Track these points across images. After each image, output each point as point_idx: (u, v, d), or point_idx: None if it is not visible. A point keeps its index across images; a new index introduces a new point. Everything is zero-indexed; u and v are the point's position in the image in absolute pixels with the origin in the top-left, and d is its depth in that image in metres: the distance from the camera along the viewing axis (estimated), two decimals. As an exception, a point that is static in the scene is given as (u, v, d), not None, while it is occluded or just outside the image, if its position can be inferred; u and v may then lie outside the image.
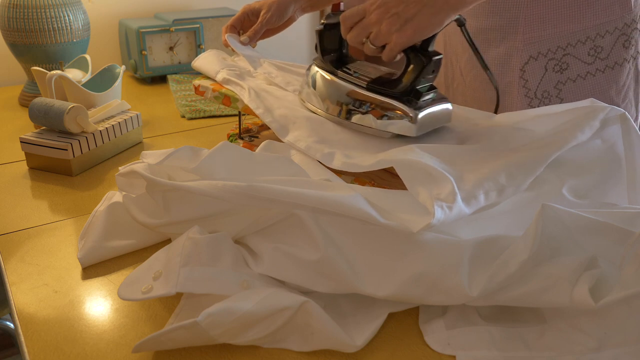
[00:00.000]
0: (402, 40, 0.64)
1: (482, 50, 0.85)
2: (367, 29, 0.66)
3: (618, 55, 0.81)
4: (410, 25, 0.63)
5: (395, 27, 0.63)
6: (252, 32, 0.91)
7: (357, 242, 0.54)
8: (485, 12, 0.83)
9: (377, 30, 0.65)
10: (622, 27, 0.80)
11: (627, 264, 0.48)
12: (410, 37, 0.64)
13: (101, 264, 0.63)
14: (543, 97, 0.83)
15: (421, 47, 0.66)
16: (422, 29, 0.63)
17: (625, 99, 0.83)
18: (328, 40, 0.75)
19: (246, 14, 0.94)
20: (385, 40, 0.65)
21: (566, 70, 0.81)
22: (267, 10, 0.90)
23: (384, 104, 0.67)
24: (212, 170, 0.60)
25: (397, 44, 0.64)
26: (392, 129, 0.67)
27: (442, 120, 0.70)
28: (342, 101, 0.71)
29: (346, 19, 0.68)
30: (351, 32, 0.68)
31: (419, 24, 0.63)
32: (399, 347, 0.51)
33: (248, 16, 0.94)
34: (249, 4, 0.95)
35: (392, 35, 0.64)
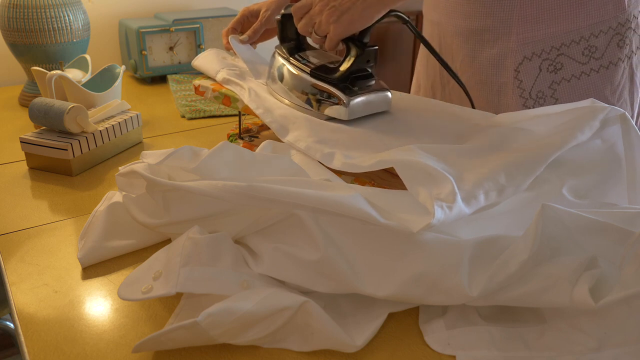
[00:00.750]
0: (339, 31, 0.70)
1: (476, 51, 0.86)
2: (312, 19, 0.73)
3: (612, 55, 0.81)
4: (345, 17, 0.69)
5: (332, 19, 0.70)
6: (252, 31, 0.91)
7: (357, 242, 0.54)
8: (479, 13, 0.83)
9: (319, 21, 0.71)
10: (616, 26, 0.80)
11: (627, 264, 0.48)
12: (345, 28, 0.70)
13: (101, 264, 0.63)
14: (538, 97, 0.83)
15: (358, 38, 0.73)
16: (355, 21, 0.70)
17: (620, 98, 0.83)
18: (287, 29, 0.82)
19: (245, 16, 0.94)
20: (326, 31, 0.72)
21: (560, 70, 0.81)
22: (267, 9, 0.91)
23: (322, 89, 0.74)
24: (212, 170, 0.60)
25: (334, 34, 0.71)
26: (328, 112, 0.74)
27: (378, 106, 0.76)
28: (290, 85, 0.78)
29: (296, 10, 0.75)
30: (300, 22, 0.75)
31: (352, 17, 0.69)
32: (399, 347, 0.51)
33: (247, 18, 0.95)
34: (248, 7, 0.95)
35: (330, 25, 0.70)
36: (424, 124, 0.75)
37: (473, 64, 0.87)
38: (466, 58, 0.87)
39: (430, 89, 0.99)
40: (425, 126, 0.74)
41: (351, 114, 0.72)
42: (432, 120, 0.76)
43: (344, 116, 0.72)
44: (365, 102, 0.73)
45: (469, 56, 0.87)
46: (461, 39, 0.87)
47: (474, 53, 0.86)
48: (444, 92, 0.96)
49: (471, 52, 0.86)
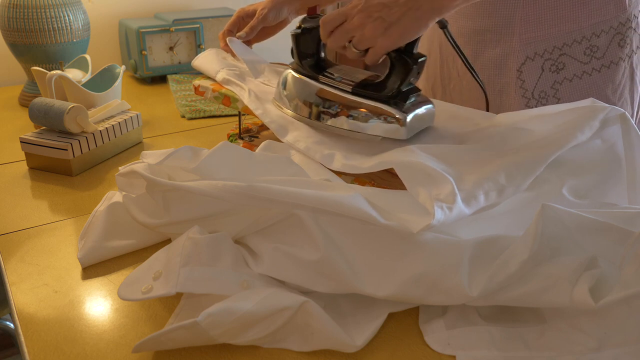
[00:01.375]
0: (388, 44, 0.64)
1: (478, 52, 0.86)
2: (350, 33, 0.66)
3: (613, 54, 0.81)
4: (395, 29, 0.63)
5: (379, 31, 0.63)
6: (249, 28, 0.91)
7: (357, 242, 0.54)
8: (481, 13, 0.83)
9: (361, 34, 0.65)
10: (617, 26, 0.80)
11: (627, 264, 0.48)
12: (396, 41, 0.64)
13: (101, 264, 0.63)
14: (540, 97, 0.83)
15: (406, 49, 0.66)
16: (407, 33, 0.64)
17: (621, 97, 0.84)
18: (305, 45, 0.74)
19: (241, 17, 0.94)
20: (370, 44, 0.65)
21: (562, 70, 0.81)
22: (263, 7, 0.91)
23: (372, 108, 0.68)
24: (212, 170, 0.60)
25: (382, 47, 0.65)
26: (381, 133, 0.68)
27: (427, 120, 0.71)
28: (327, 107, 0.70)
29: (326, 23, 0.68)
30: (332, 36, 0.68)
31: (404, 28, 0.63)
32: (399, 347, 0.51)
33: (243, 19, 0.94)
34: (243, 8, 0.95)
35: (377, 39, 0.64)
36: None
37: (475, 65, 0.87)
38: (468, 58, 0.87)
39: (430, 90, 0.99)
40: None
41: (409, 132, 0.67)
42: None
43: (402, 135, 0.67)
44: (419, 117, 0.68)
45: (471, 57, 0.87)
46: (463, 39, 0.87)
47: (476, 53, 0.86)
48: (445, 93, 0.96)
49: (473, 52, 0.86)
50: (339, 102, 0.70)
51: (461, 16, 0.86)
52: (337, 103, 0.70)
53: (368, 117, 0.68)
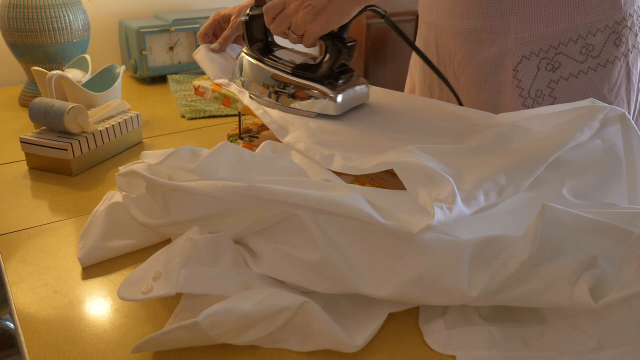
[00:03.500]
0: (316, 29, 0.71)
1: (474, 51, 0.86)
2: (288, 19, 0.73)
3: (609, 53, 0.81)
4: (322, 15, 0.70)
5: (310, 17, 0.71)
6: (222, 39, 0.92)
7: (357, 242, 0.54)
8: (477, 12, 0.83)
9: (295, 20, 0.72)
10: (612, 25, 0.80)
11: (627, 264, 0.48)
12: (323, 26, 0.71)
13: (101, 264, 0.63)
14: (536, 96, 0.83)
15: (337, 34, 0.74)
16: (333, 19, 0.71)
17: (617, 96, 0.84)
18: (254, 31, 0.82)
19: (217, 21, 0.95)
20: (303, 30, 0.72)
21: (558, 69, 0.81)
22: (237, 15, 0.92)
23: (307, 87, 0.75)
24: (212, 171, 0.60)
25: (312, 32, 0.71)
26: (316, 109, 0.75)
27: (361, 98, 0.78)
28: (270, 85, 0.78)
29: (269, 10, 0.75)
30: (274, 23, 0.75)
31: (329, 14, 0.70)
32: (399, 347, 0.51)
33: (219, 23, 0.95)
34: (218, 12, 0.96)
35: (307, 24, 0.71)
36: (424, 124, 0.75)
37: (471, 64, 0.87)
38: (464, 58, 0.87)
39: (427, 90, 0.99)
40: (425, 126, 0.74)
41: (340, 109, 0.74)
42: (432, 120, 0.76)
43: (334, 111, 0.74)
44: (350, 95, 0.76)
45: (467, 56, 0.87)
46: (459, 39, 0.87)
47: (472, 53, 0.86)
48: (442, 93, 0.96)
49: (469, 52, 0.86)
50: (280, 82, 0.77)
51: (457, 16, 0.86)
52: (278, 82, 0.78)
53: (304, 95, 0.75)
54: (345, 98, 0.74)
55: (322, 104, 0.74)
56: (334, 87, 0.74)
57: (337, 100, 0.73)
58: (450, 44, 0.89)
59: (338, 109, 0.74)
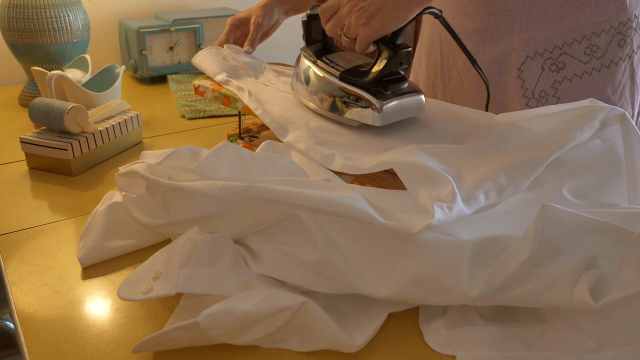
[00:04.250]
0: (369, 33, 0.67)
1: (479, 51, 0.86)
2: (341, 21, 0.69)
3: (614, 54, 0.81)
4: (375, 19, 0.66)
5: (362, 21, 0.66)
6: (250, 41, 0.93)
7: (357, 242, 0.54)
8: (482, 12, 0.83)
9: (348, 23, 0.68)
10: (617, 25, 0.80)
11: (627, 264, 0.48)
12: (376, 31, 0.66)
13: (101, 264, 0.63)
14: (540, 96, 0.83)
15: (390, 39, 0.69)
16: (387, 23, 0.66)
17: (621, 97, 0.84)
18: (313, 31, 0.79)
19: (235, 25, 0.95)
20: (355, 33, 0.68)
21: (563, 69, 0.81)
22: (256, 15, 0.93)
23: (352, 94, 0.70)
24: (212, 171, 0.60)
25: (365, 36, 0.67)
26: (357, 118, 0.70)
27: (411, 111, 0.72)
28: (317, 89, 0.74)
29: (324, 11, 0.71)
30: (328, 24, 0.71)
31: (383, 18, 0.65)
32: (399, 347, 0.51)
33: (237, 27, 0.96)
34: (234, 16, 0.97)
35: (360, 28, 0.67)
36: (424, 124, 0.75)
37: None
38: None
39: (431, 90, 0.99)
40: (425, 126, 0.74)
41: (384, 120, 0.69)
42: (432, 120, 0.76)
43: (377, 122, 0.68)
44: (398, 106, 0.69)
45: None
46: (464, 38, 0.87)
47: (477, 53, 0.86)
48: (445, 93, 0.96)
49: (474, 51, 0.86)
50: (323, 86, 0.73)
51: (462, 15, 0.86)
52: (322, 86, 0.73)
53: (347, 102, 0.71)
54: (391, 109, 0.68)
55: (365, 114, 0.69)
56: (380, 96, 0.68)
57: (382, 110, 0.67)
58: (454, 44, 0.89)
59: (381, 120, 0.68)
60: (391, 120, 0.70)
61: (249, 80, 0.86)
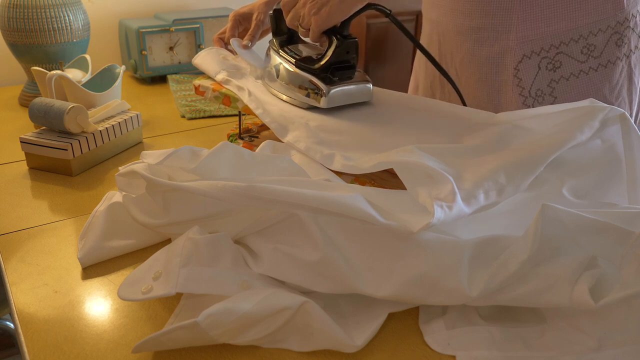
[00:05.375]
0: (319, 22, 0.73)
1: (476, 50, 0.86)
2: (298, 13, 0.76)
3: (611, 53, 0.81)
4: (324, 10, 0.72)
5: (313, 11, 0.73)
6: (250, 36, 0.93)
7: (357, 242, 0.54)
8: (478, 11, 0.84)
9: (303, 13, 0.75)
10: (614, 25, 0.80)
11: (627, 264, 0.48)
12: (324, 21, 0.73)
13: (101, 264, 0.63)
14: (537, 95, 0.83)
15: (338, 30, 0.76)
16: (333, 14, 0.73)
17: (618, 97, 0.84)
18: (279, 24, 0.85)
19: (237, 20, 0.96)
20: (308, 23, 0.75)
21: (559, 68, 0.82)
22: (258, 12, 0.94)
23: (303, 78, 0.77)
24: (212, 171, 0.60)
25: (315, 25, 0.74)
26: (307, 101, 0.77)
27: (358, 96, 0.78)
28: (280, 76, 0.81)
29: (285, 5, 0.78)
30: (288, 16, 0.78)
31: (330, 9, 0.72)
32: (399, 347, 0.51)
33: (240, 22, 0.96)
34: (237, 11, 0.97)
35: (312, 18, 0.73)
36: (424, 123, 0.75)
37: (473, 63, 0.87)
38: (466, 56, 0.88)
39: (429, 88, 0.99)
40: (425, 126, 0.74)
41: (330, 103, 0.75)
42: (432, 119, 0.76)
43: (323, 104, 0.76)
44: (344, 91, 0.76)
45: (468, 54, 0.87)
46: (461, 37, 0.87)
47: (474, 51, 0.86)
48: (443, 92, 0.96)
49: (471, 50, 0.87)
50: (284, 72, 0.80)
51: (459, 14, 0.86)
52: (283, 73, 0.80)
53: (301, 87, 0.77)
54: (337, 93, 0.75)
55: (314, 97, 0.76)
56: (328, 81, 0.75)
57: (328, 93, 0.75)
58: (452, 42, 0.90)
59: (327, 103, 0.75)
60: (337, 103, 0.77)
61: (249, 80, 0.86)
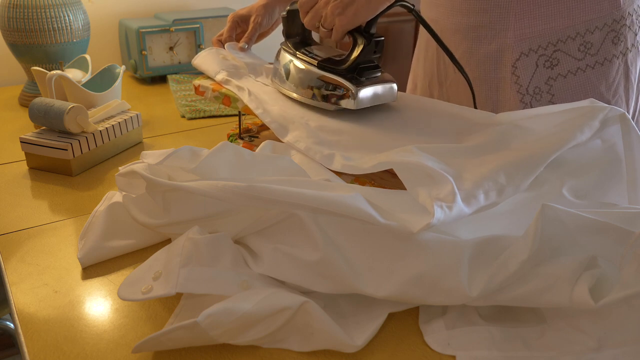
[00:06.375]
0: (344, 23, 0.71)
1: (474, 48, 0.86)
2: (318, 13, 0.74)
3: (607, 51, 0.81)
4: (350, 9, 0.70)
5: (337, 11, 0.71)
6: (247, 38, 0.94)
7: (357, 242, 0.54)
8: (476, 9, 0.84)
9: (325, 14, 0.73)
10: (611, 23, 0.80)
11: (627, 264, 0.48)
12: (351, 20, 0.71)
13: (101, 264, 0.63)
14: (534, 93, 0.84)
15: (364, 29, 0.74)
16: (360, 13, 0.71)
17: (615, 95, 0.84)
18: (292, 25, 0.83)
19: (236, 22, 0.96)
20: (331, 23, 0.72)
21: (557, 66, 0.82)
22: (257, 14, 0.94)
23: (330, 81, 0.75)
24: (212, 171, 0.60)
25: (340, 25, 0.72)
26: (336, 103, 0.75)
27: (384, 97, 0.77)
28: (297, 79, 0.79)
29: (303, 5, 0.76)
30: (307, 17, 0.76)
31: (356, 8, 0.70)
32: (399, 347, 0.51)
33: (238, 24, 0.96)
34: (236, 12, 0.98)
35: (335, 18, 0.71)
36: (423, 124, 0.75)
37: (471, 60, 0.87)
38: (464, 54, 0.88)
39: (427, 87, 0.99)
40: (425, 126, 0.74)
41: (359, 104, 0.73)
42: (432, 119, 0.76)
43: (352, 106, 0.73)
44: (372, 92, 0.74)
45: (467, 52, 0.87)
46: (459, 35, 0.87)
47: (472, 49, 0.86)
48: (442, 90, 0.96)
49: (469, 48, 0.87)
50: (303, 75, 0.78)
51: (457, 12, 0.87)
52: (302, 75, 0.78)
53: (324, 89, 0.75)
54: (366, 94, 0.74)
55: (342, 98, 0.74)
56: (356, 82, 0.73)
57: (357, 95, 0.73)
58: (450, 41, 0.90)
59: (357, 105, 0.73)
60: (366, 104, 0.75)
61: (249, 80, 0.86)
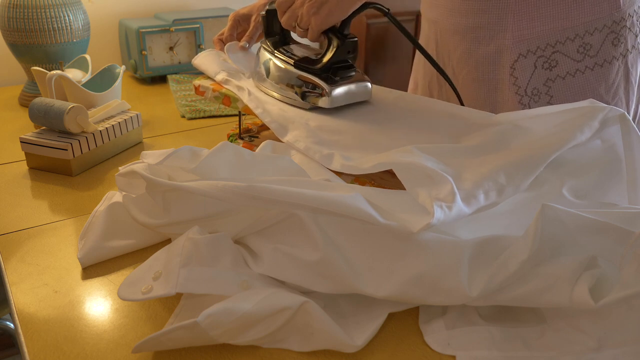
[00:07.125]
0: (319, 22, 0.73)
1: (472, 49, 0.86)
2: (295, 13, 0.75)
3: (607, 53, 0.81)
4: (324, 8, 0.72)
5: (312, 10, 0.72)
6: (248, 37, 0.94)
7: (357, 242, 0.54)
8: (474, 10, 0.84)
9: (301, 13, 0.74)
10: (611, 25, 0.80)
11: (627, 264, 0.48)
12: (324, 20, 0.73)
13: (101, 264, 0.63)
14: (533, 94, 0.83)
15: (338, 29, 0.75)
16: (334, 12, 0.72)
17: (615, 96, 0.84)
18: (271, 24, 0.84)
19: (237, 21, 0.96)
20: (307, 23, 0.74)
21: (555, 67, 0.82)
22: (257, 13, 0.94)
23: (306, 79, 0.76)
24: (212, 171, 0.60)
25: (315, 24, 0.73)
26: (310, 101, 0.77)
27: (359, 95, 0.78)
28: (275, 77, 0.80)
29: (280, 5, 0.77)
30: (284, 17, 0.77)
31: (329, 8, 0.72)
32: (399, 347, 0.51)
33: (239, 23, 0.97)
34: (237, 11, 0.98)
35: (311, 17, 0.73)
36: (423, 123, 0.75)
37: (469, 61, 0.87)
38: (463, 55, 0.88)
39: (427, 88, 0.99)
40: (424, 126, 0.74)
41: (333, 103, 0.75)
42: (431, 120, 0.76)
43: (327, 104, 0.75)
44: (346, 91, 0.76)
45: (465, 53, 0.87)
46: (458, 36, 0.87)
47: (471, 51, 0.86)
48: (441, 91, 0.96)
49: (468, 49, 0.87)
50: (281, 73, 0.79)
51: (455, 13, 0.87)
52: (280, 74, 0.80)
53: (301, 88, 0.77)
54: (340, 92, 0.75)
55: (316, 97, 0.75)
56: (330, 81, 0.75)
57: (331, 94, 0.74)
58: (449, 41, 0.90)
59: (331, 103, 0.75)
60: (340, 103, 0.76)
61: (249, 80, 0.86)
